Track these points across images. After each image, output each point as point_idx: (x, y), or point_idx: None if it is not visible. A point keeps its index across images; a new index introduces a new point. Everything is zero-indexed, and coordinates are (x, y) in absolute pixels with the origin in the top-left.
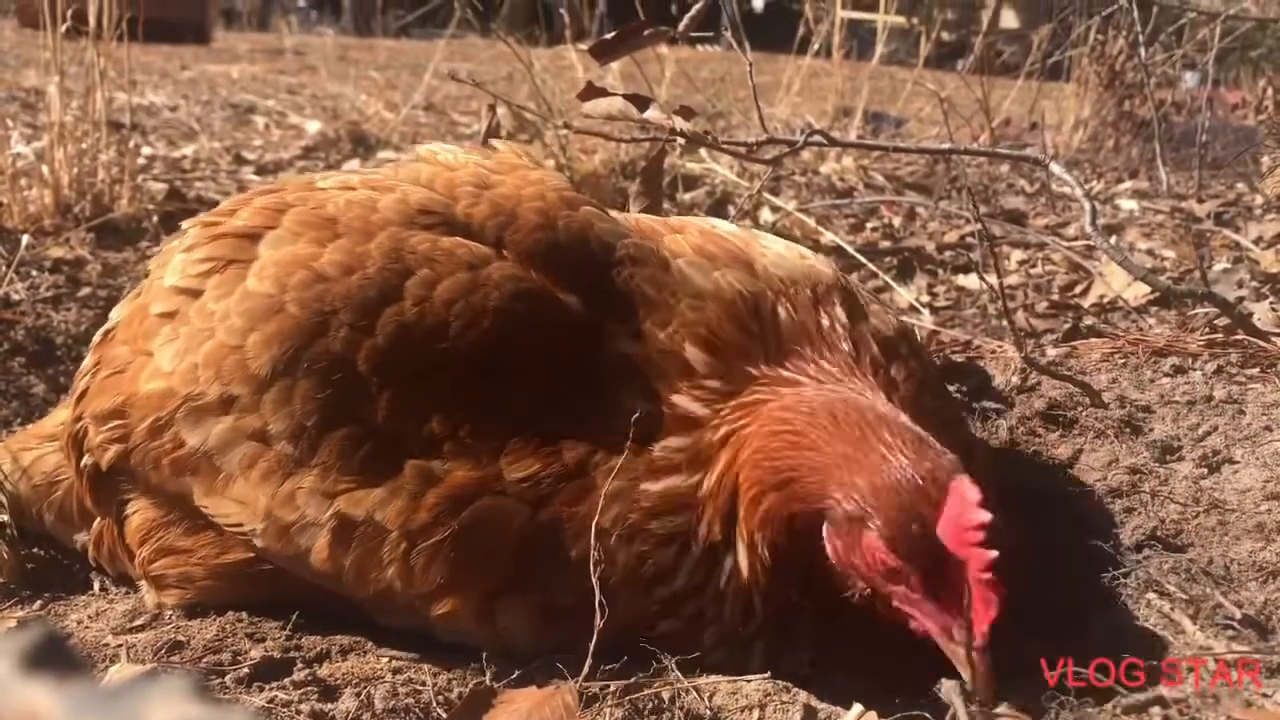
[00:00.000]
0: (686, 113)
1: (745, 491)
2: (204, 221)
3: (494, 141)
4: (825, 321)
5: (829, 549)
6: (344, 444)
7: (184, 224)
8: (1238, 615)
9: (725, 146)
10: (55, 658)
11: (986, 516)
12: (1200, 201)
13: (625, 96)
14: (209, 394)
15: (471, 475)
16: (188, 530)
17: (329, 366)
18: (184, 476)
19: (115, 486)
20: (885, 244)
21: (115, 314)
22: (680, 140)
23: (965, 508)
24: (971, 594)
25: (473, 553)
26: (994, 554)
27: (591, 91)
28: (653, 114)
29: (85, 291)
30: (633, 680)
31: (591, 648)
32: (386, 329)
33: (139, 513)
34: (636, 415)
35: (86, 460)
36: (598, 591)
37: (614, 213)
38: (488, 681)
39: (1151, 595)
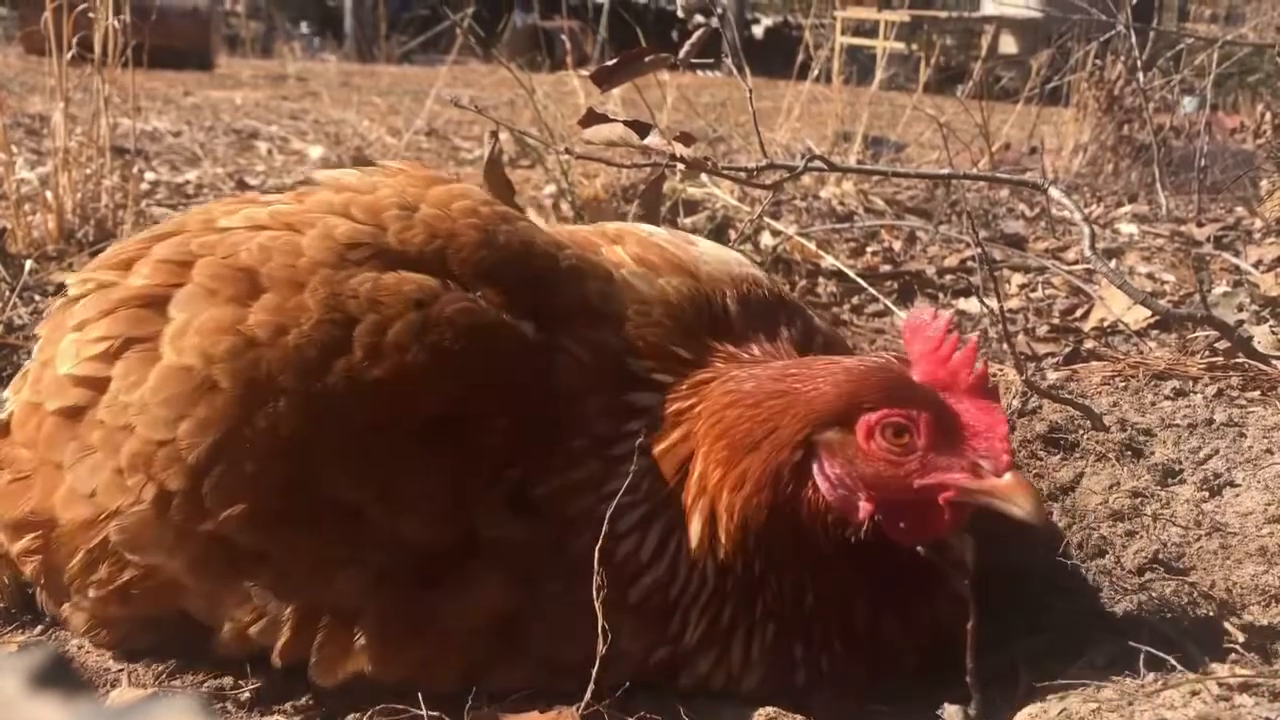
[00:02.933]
0: (686, 139)
1: (710, 456)
2: (96, 282)
3: (385, 162)
4: (766, 317)
5: (824, 486)
6: (302, 526)
7: (69, 280)
8: (1240, 639)
9: (725, 172)
10: (61, 679)
11: (944, 322)
12: (1200, 225)
13: (625, 123)
14: (144, 500)
15: (444, 541)
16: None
17: (276, 443)
18: (133, 592)
19: (50, 589)
20: (886, 268)
21: (9, 400)
22: (680, 166)
23: (925, 334)
24: (976, 413)
25: (452, 629)
26: (974, 350)
27: (592, 118)
28: (653, 140)
29: None
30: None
31: (594, 675)
32: (337, 389)
33: (82, 613)
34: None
35: (7, 563)
36: (601, 619)
37: (542, 224)
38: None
39: (1154, 619)
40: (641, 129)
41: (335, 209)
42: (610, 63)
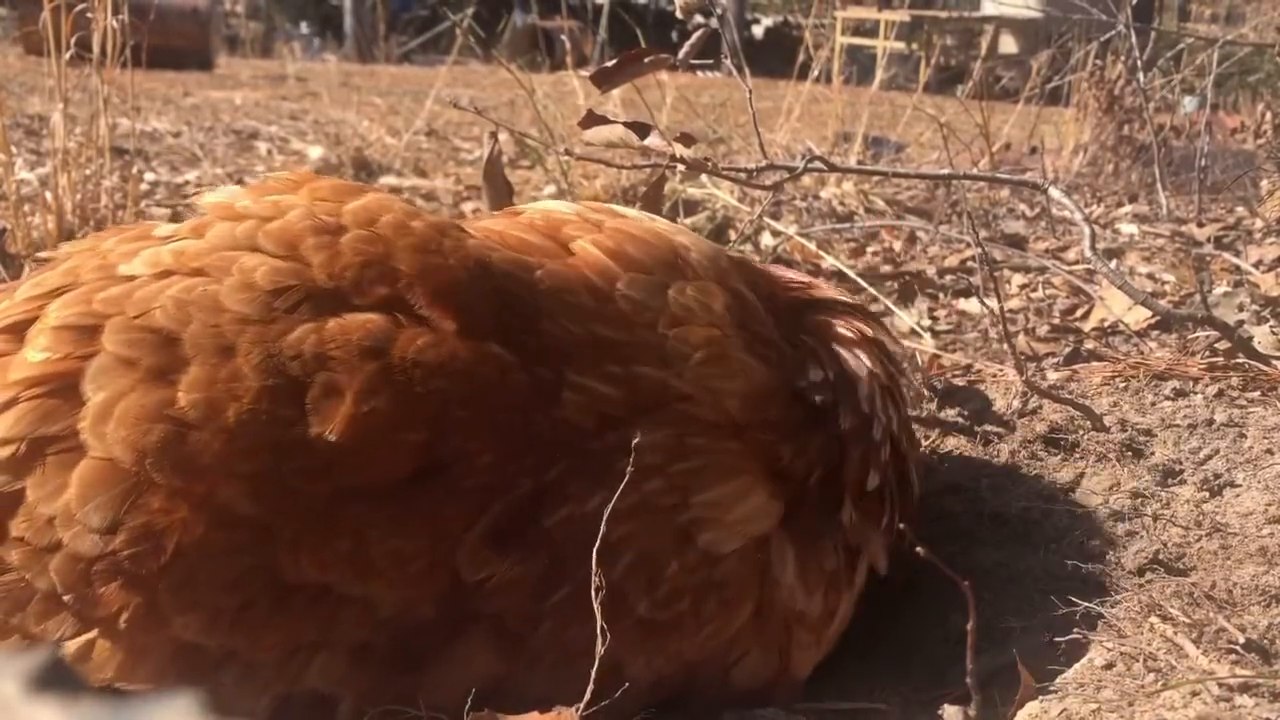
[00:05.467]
0: (687, 140)
1: None
2: None
3: (275, 173)
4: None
5: None
6: (267, 617)
7: None
8: (1241, 640)
9: (725, 173)
10: (62, 680)
11: None
12: (1200, 225)
13: (625, 124)
14: (89, 624)
15: (425, 603)
16: None
17: (229, 537)
18: None
19: None
20: (886, 268)
21: None
22: (681, 167)
23: None
24: None
25: (439, 703)
26: None
27: (592, 119)
28: (653, 141)
29: None
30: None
31: (593, 674)
32: (291, 466)
33: None
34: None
35: None
36: (600, 620)
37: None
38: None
39: (1154, 619)
40: (641, 130)
41: (241, 242)
42: (610, 63)
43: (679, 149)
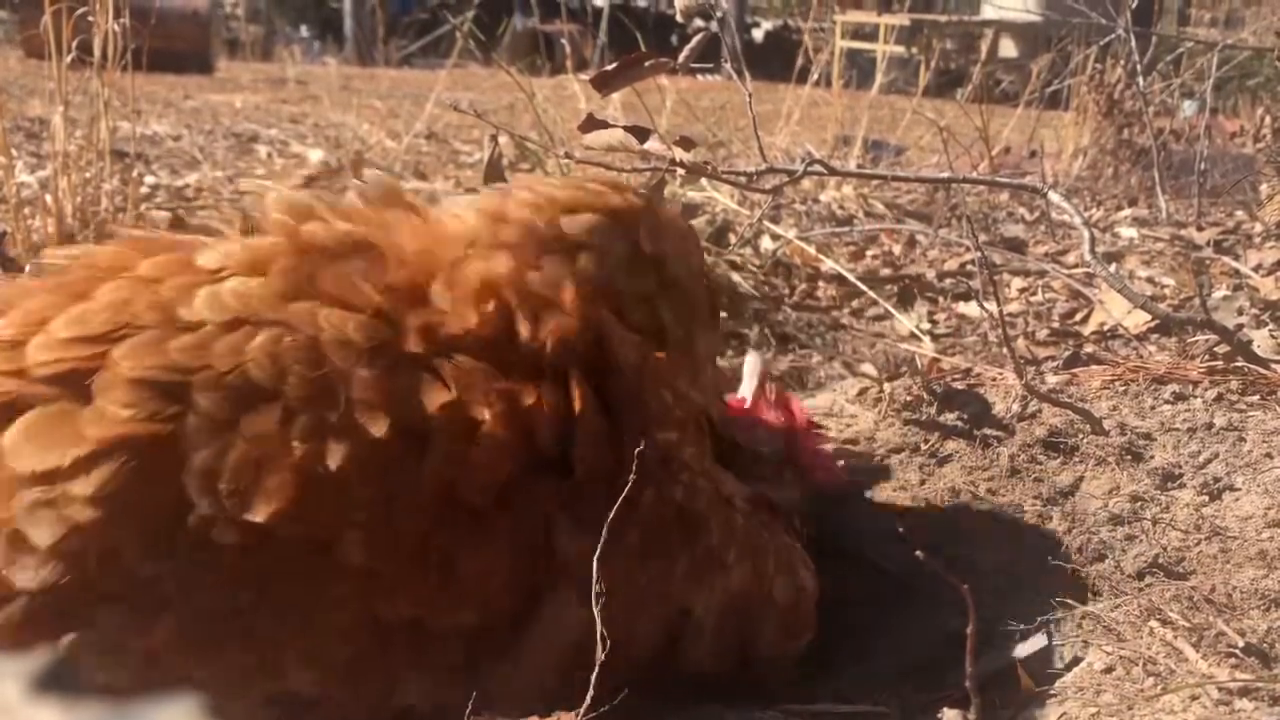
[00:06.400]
0: (686, 143)
1: None
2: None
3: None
4: None
5: None
6: (372, 660)
7: None
8: (1240, 643)
9: (725, 176)
10: (63, 683)
11: None
12: (1200, 229)
13: (625, 128)
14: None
15: (507, 608)
16: None
17: (341, 589)
18: None
19: None
20: (886, 271)
21: None
22: (680, 171)
23: None
24: None
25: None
26: None
27: (592, 123)
28: (652, 145)
29: None
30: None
31: (593, 679)
32: (401, 507)
33: None
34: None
35: None
36: (599, 624)
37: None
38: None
39: (1154, 623)
40: (641, 134)
41: (130, 316)
42: (610, 67)
43: (678, 153)
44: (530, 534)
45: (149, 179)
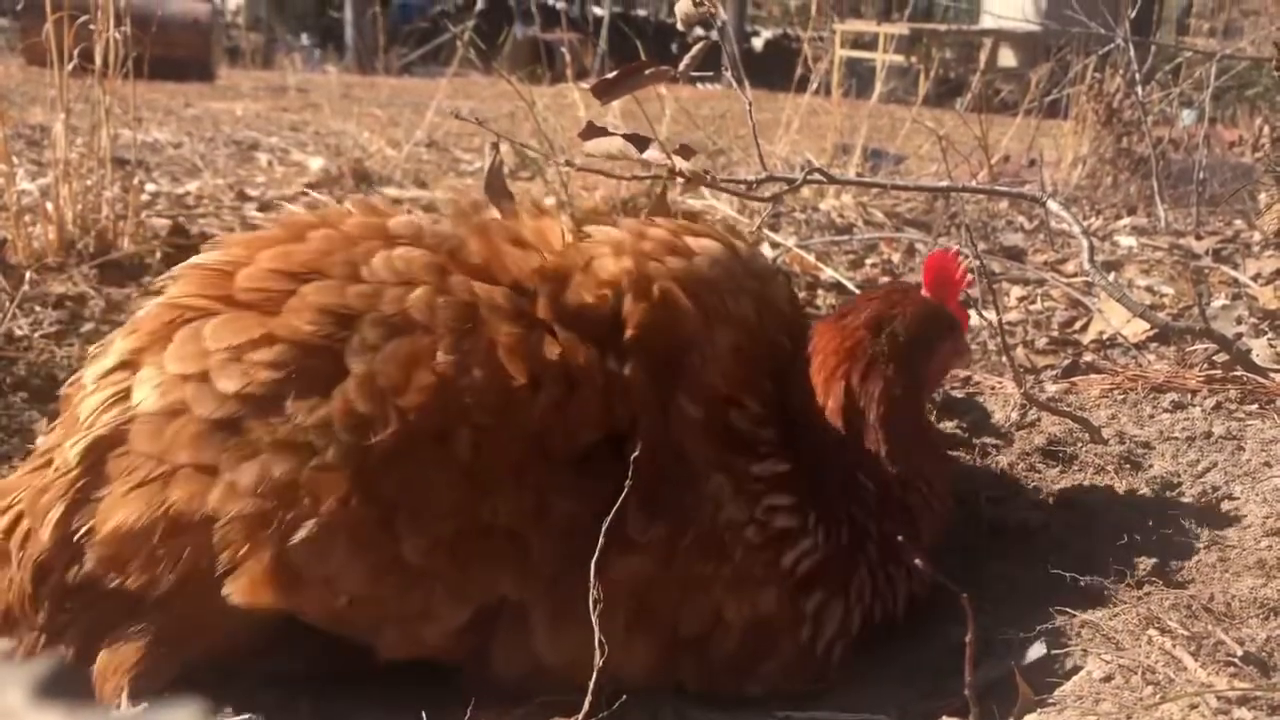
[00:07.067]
0: (686, 152)
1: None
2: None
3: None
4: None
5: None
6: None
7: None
8: (1239, 652)
9: (725, 185)
10: (65, 689)
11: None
12: (1198, 238)
13: (625, 136)
14: (322, 512)
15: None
16: None
17: (448, 476)
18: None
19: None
20: (885, 280)
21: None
22: (680, 179)
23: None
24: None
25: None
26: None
27: (592, 131)
28: (652, 154)
29: (88, 327)
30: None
31: (592, 685)
32: (512, 430)
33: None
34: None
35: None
36: (597, 631)
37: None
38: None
39: (1153, 632)
40: (641, 142)
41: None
42: (610, 75)
43: (678, 161)
44: (601, 500)
45: (150, 186)
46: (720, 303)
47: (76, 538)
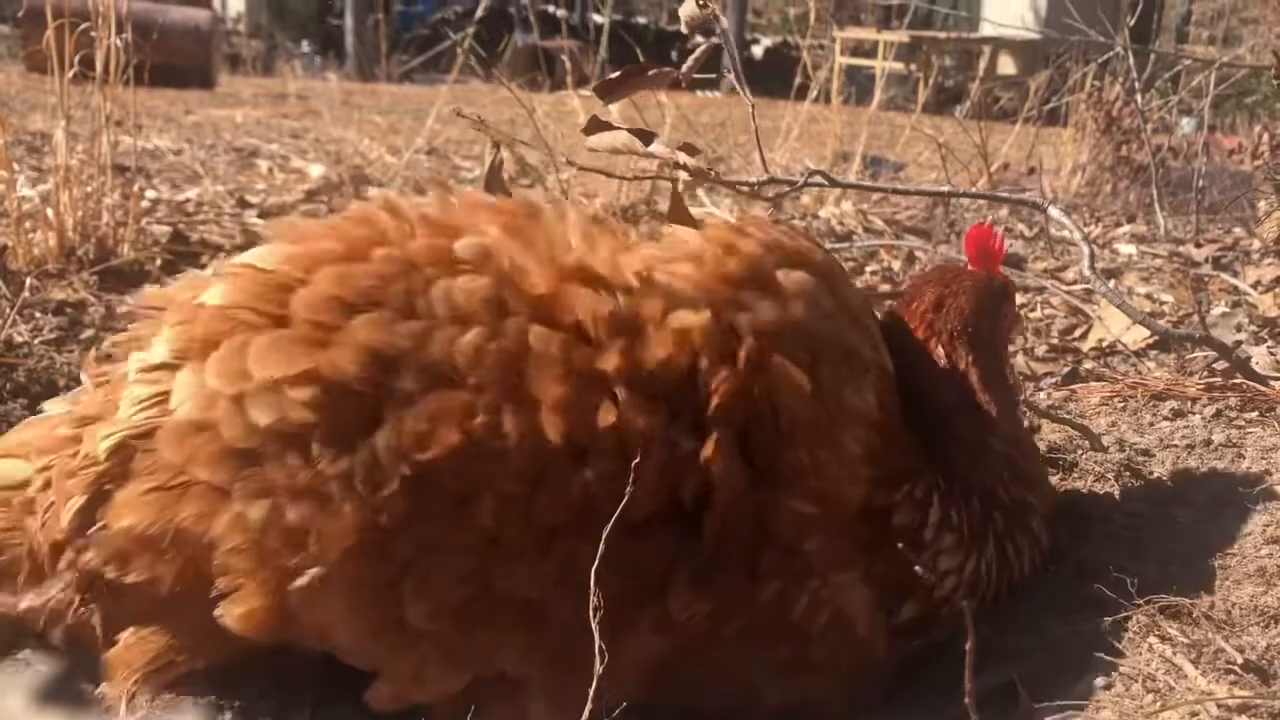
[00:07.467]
0: (690, 149)
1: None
2: None
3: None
4: None
5: None
6: (481, 618)
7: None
8: (1239, 660)
9: (729, 183)
10: (64, 696)
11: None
12: (1198, 246)
13: (630, 130)
14: (323, 563)
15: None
16: None
17: (467, 539)
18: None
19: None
20: (885, 288)
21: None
22: (685, 176)
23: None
24: None
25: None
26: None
27: (596, 125)
28: (657, 148)
29: (88, 334)
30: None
31: (592, 691)
32: (547, 496)
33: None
34: None
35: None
36: (597, 630)
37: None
38: None
39: (1153, 639)
40: (645, 137)
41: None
42: (613, 76)
43: (683, 157)
44: (647, 574)
45: (150, 193)
46: (835, 385)
47: (92, 530)
